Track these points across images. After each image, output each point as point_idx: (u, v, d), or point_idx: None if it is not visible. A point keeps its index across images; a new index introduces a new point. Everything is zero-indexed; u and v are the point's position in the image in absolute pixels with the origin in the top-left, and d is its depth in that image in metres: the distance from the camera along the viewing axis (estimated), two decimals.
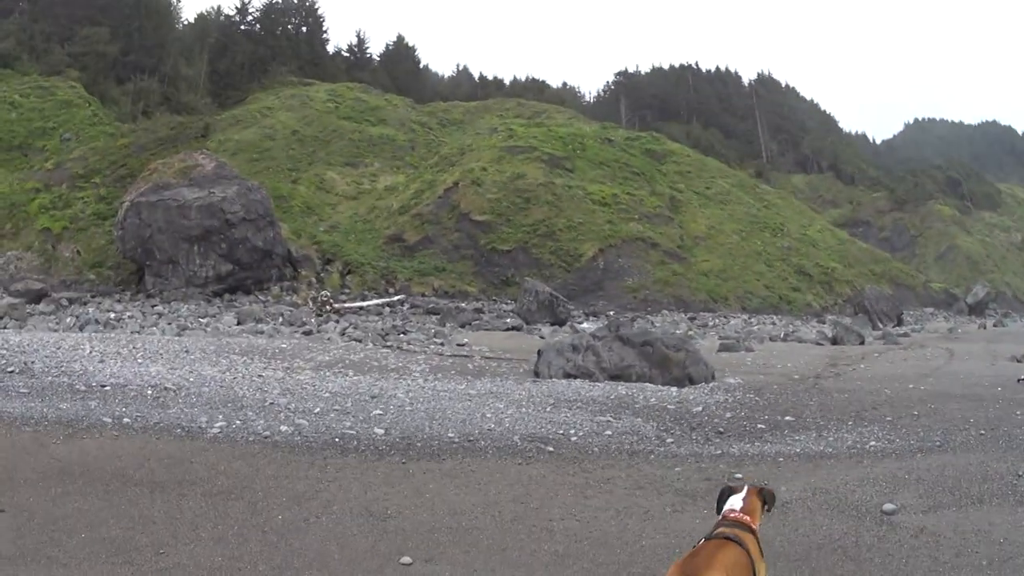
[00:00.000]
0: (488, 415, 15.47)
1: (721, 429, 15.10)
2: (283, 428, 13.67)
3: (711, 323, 48.32)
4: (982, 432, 14.75)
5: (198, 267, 46.40)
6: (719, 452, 13.24)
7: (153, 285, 46.15)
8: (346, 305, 44.40)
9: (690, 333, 38.62)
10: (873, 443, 14.17)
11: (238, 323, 35.11)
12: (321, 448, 12.52)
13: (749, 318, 53.18)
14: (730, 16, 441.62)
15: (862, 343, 36.46)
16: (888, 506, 10.10)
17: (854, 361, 28.06)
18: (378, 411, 15.48)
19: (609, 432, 14.41)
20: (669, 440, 14.00)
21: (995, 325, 57.45)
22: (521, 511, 9.68)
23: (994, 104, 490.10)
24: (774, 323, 51.16)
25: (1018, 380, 21.59)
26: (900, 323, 53.45)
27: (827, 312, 59.82)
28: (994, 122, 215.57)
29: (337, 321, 38.23)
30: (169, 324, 33.90)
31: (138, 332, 30.47)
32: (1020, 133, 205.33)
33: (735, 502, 5.98)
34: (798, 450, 13.64)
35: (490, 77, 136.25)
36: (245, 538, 8.49)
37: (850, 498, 10.44)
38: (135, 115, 73.22)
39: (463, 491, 10.46)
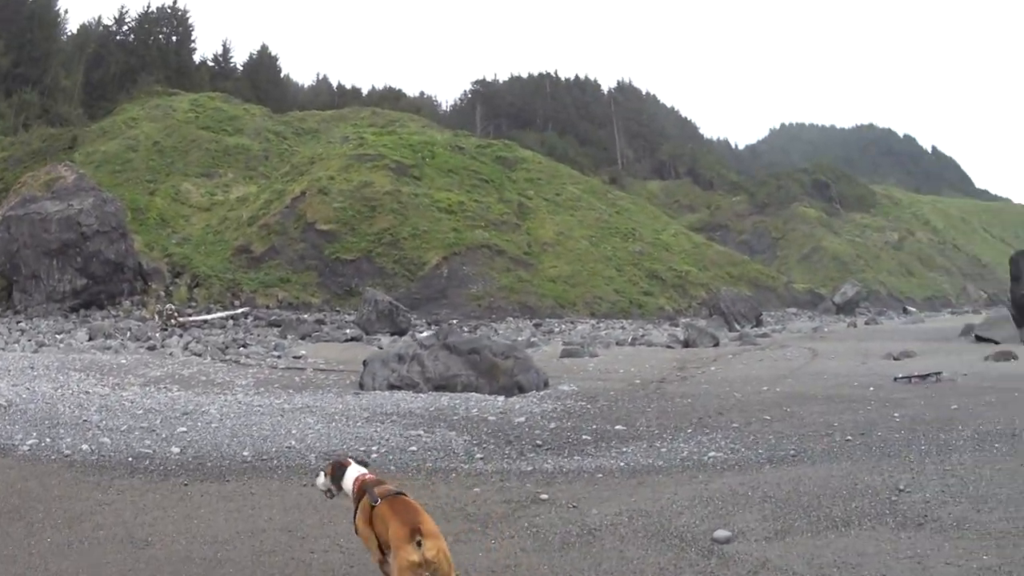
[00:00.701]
0: (294, 431, 15.10)
1: (540, 442, 14.11)
2: (84, 447, 13.55)
3: (557, 329, 47.77)
4: (849, 438, 13.49)
5: (57, 282, 45.95)
6: (530, 468, 12.37)
7: (20, 301, 46.08)
8: (191, 318, 44.03)
9: (533, 340, 38.33)
10: (713, 453, 12.84)
11: (89, 339, 34.72)
12: (112, 467, 12.37)
13: (597, 323, 53.03)
14: (592, 25, 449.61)
15: (716, 345, 35.82)
16: (721, 533, 8.63)
17: (704, 364, 27.22)
18: (183, 428, 15.22)
19: (415, 448, 13.84)
20: (478, 456, 13.27)
21: (867, 323, 57.67)
22: (285, 541, 9.02)
23: (873, 108, 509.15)
24: (623, 328, 50.74)
25: (895, 379, 20.59)
26: (759, 324, 53.53)
27: (681, 315, 59.74)
28: (871, 125, 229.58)
29: (181, 335, 37.90)
30: (29, 341, 33.92)
31: (2, 349, 30.78)
32: (900, 135, 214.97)
33: (356, 470, 7.19)
34: (623, 464, 12.41)
35: (348, 87, 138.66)
36: (15, 560, 8.31)
37: (675, 523, 9.22)
38: (16, 128, 74.54)
39: (233, 517, 9.92)
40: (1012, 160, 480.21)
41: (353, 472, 7.14)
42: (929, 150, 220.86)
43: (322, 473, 7.55)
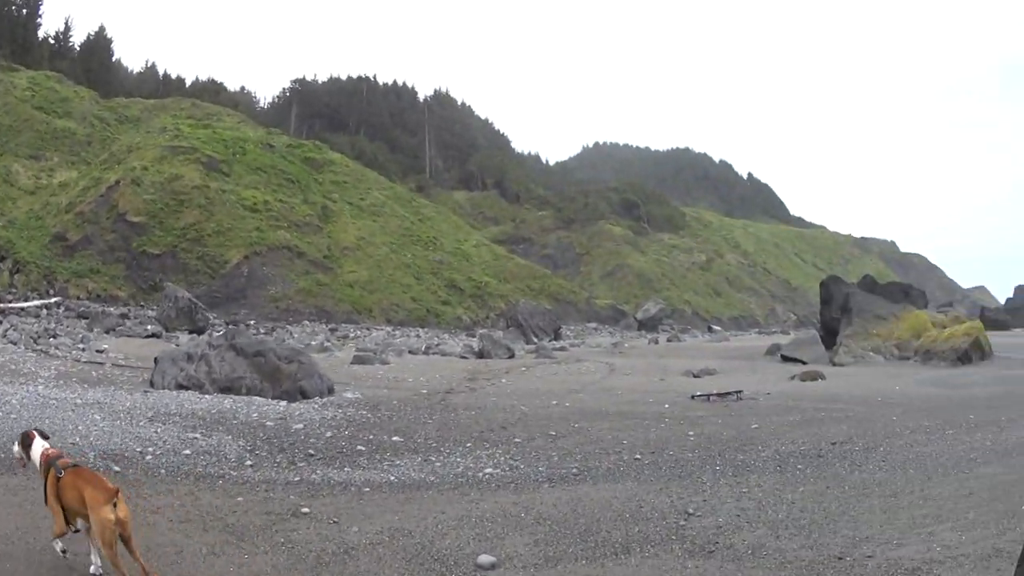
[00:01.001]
0: (80, 427, 14.22)
1: (312, 451, 13.55)
2: None
3: (352, 335, 47.21)
4: (638, 457, 12.82)
5: None
6: (297, 479, 11.68)
7: None
8: (11, 305, 42.66)
9: (327, 344, 37.46)
10: (490, 470, 12.04)
11: None
12: None
13: (393, 330, 52.75)
14: (415, 31, 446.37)
15: (511, 357, 35.41)
16: (485, 558, 7.91)
17: (496, 376, 26.47)
18: None
19: (188, 451, 13.10)
20: (248, 463, 12.57)
21: (669, 340, 58.05)
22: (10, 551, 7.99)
23: (690, 132, 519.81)
24: (419, 336, 50.58)
25: (693, 396, 20.15)
26: (558, 337, 53.74)
27: (479, 326, 59.75)
28: (687, 149, 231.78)
29: (1, 322, 36.32)
30: None
31: None
32: (716, 161, 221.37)
33: (41, 444, 7.77)
34: (393, 478, 11.67)
35: (174, 76, 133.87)
36: None
37: (438, 545, 8.50)
38: None
39: (15, 512, 9.11)
40: (828, 190, 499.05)
41: (39, 445, 7.72)
42: (745, 176, 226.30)
43: (16, 443, 8.09)
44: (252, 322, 47.28)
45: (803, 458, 12.48)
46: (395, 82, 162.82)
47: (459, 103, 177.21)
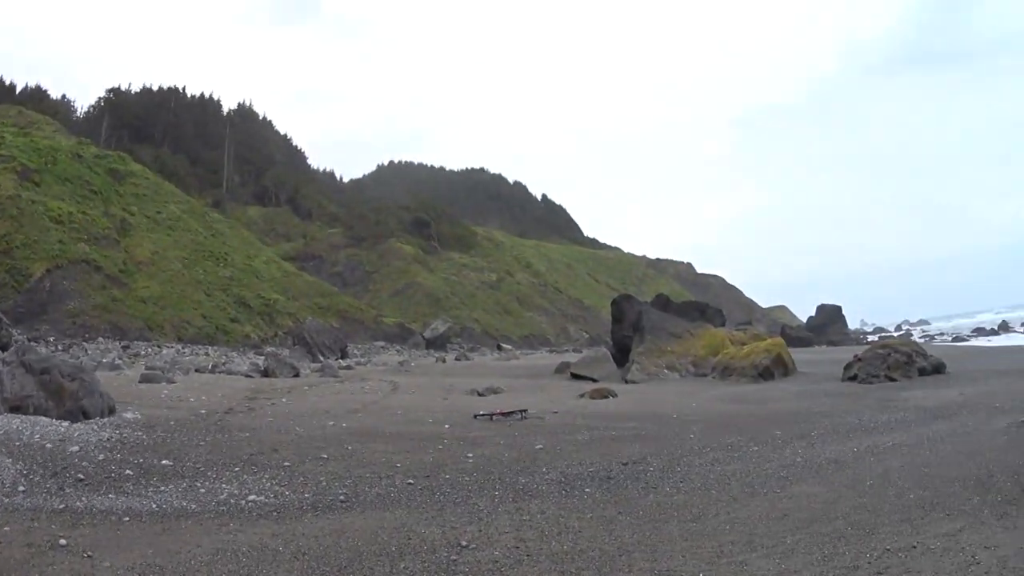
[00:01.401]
0: None
1: (83, 475, 12.27)
2: None
3: (144, 352, 46.11)
4: (411, 481, 11.95)
5: None
6: (63, 506, 10.57)
7: None
8: None
9: (118, 362, 36.21)
10: (254, 497, 11.00)
11: None
12: None
13: (183, 348, 51.76)
14: (222, 42, 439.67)
15: (296, 376, 34.56)
16: None
17: (278, 394, 25.25)
18: None
19: None
20: (21, 489, 11.37)
21: (457, 359, 57.79)
22: None
23: (485, 153, 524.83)
24: (207, 354, 49.51)
25: (475, 416, 19.32)
26: (344, 356, 53.37)
27: (267, 344, 58.96)
28: (482, 169, 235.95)
29: None
30: None
31: None
32: (511, 182, 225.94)
33: None
34: (154, 506, 10.62)
35: (8, 82, 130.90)
36: None
37: None
38: None
39: None
40: (624, 214, 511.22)
41: None
42: (539, 197, 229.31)
43: None
44: (52, 339, 45.90)
45: (592, 480, 11.76)
46: (203, 95, 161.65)
47: (260, 117, 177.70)
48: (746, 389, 27.98)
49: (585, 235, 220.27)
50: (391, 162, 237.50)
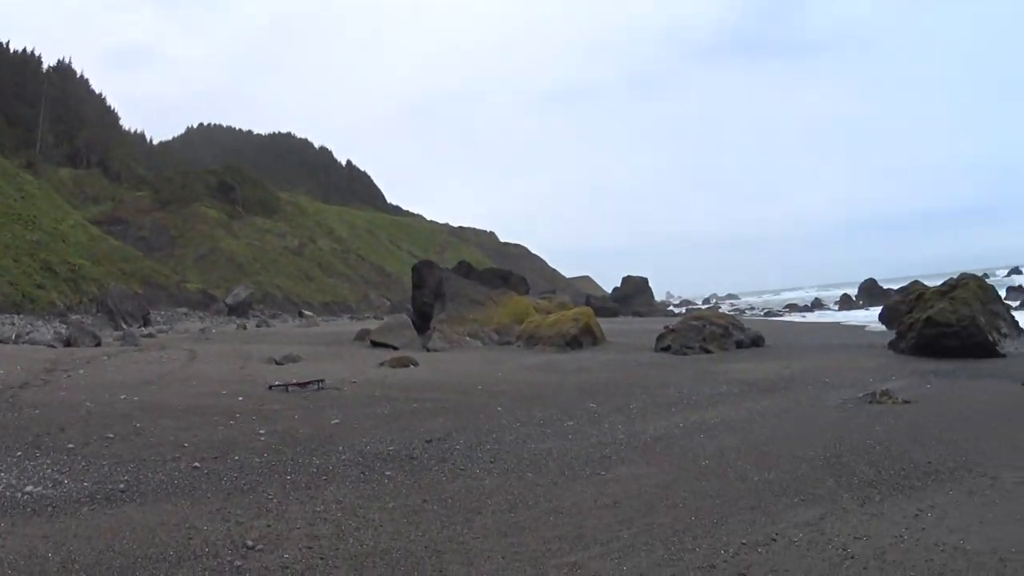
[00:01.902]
0: None
1: None
2: None
3: None
4: (197, 464, 10.59)
5: None
6: None
7: None
8: None
9: None
10: (32, 488, 9.43)
11: None
12: None
13: None
14: None
15: (98, 345, 32.70)
16: None
17: (76, 366, 23.16)
18: None
19: None
20: None
21: (258, 326, 56.93)
22: None
23: (292, 117, 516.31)
24: (14, 323, 46.26)
25: (270, 386, 17.97)
26: (147, 323, 51.39)
27: (72, 311, 55.76)
28: (289, 134, 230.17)
29: None
30: None
31: None
32: (316, 147, 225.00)
33: None
34: None
35: None
36: None
37: None
38: None
39: None
40: (427, 181, 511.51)
41: None
42: (344, 163, 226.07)
43: None
44: None
45: (393, 461, 10.72)
46: (24, 50, 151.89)
47: (78, 75, 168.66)
48: (554, 358, 26.91)
49: (388, 202, 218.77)
50: (200, 124, 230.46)
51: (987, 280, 27.52)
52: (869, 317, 50.56)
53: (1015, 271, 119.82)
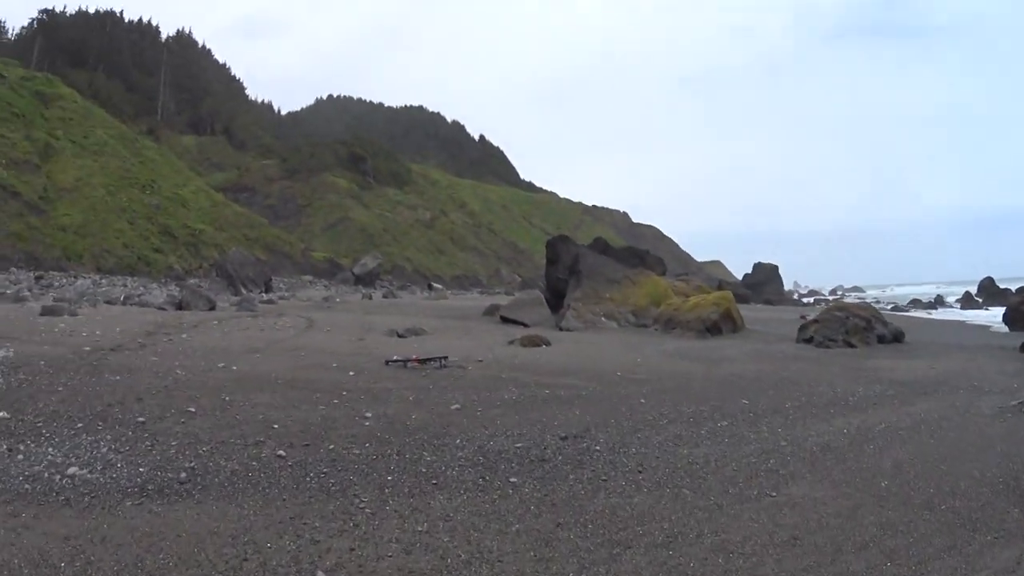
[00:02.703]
0: None
1: None
2: None
3: (58, 283, 42.43)
4: (282, 452, 8.92)
5: None
6: None
7: None
8: None
9: (24, 294, 33.25)
10: (75, 469, 7.93)
11: None
12: None
13: (100, 279, 48.53)
14: None
15: (212, 309, 31.81)
16: None
17: (181, 329, 22.15)
18: None
19: None
20: None
21: (385, 296, 55.24)
22: None
23: (425, 91, 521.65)
24: (126, 285, 45.95)
25: (387, 361, 16.30)
26: (268, 289, 50.30)
27: (191, 276, 56.02)
28: (421, 107, 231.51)
29: None
30: None
31: None
32: (449, 121, 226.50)
33: None
34: None
35: None
36: None
37: None
38: None
39: None
40: (562, 160, 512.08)
41: None
42: (476, 138, 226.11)
43: None
44: None
45: (520, 463, 8.82)
46: (140, 19, 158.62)
47: (199, 45, 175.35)
48: (694, 345, 24.88)
49: (522, 178, 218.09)
50: (330, 96, 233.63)
51: None
52: (991, 317, 48.20)
53: None
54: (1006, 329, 35.95)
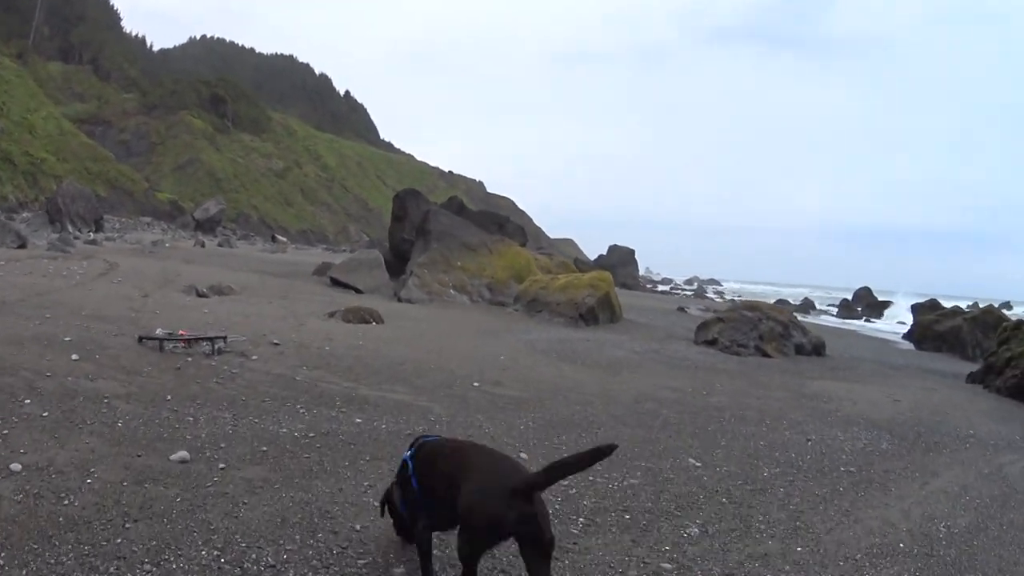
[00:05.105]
0: None
1: None
2: None
3: None
4: None
5: None
6: None
7: None
8: None
9: None
10: None
11: None
12: None
13: None
14: None
15: (22, 247, 27.62)
16: None
17: None
18: None
19: None
20: None
21: (220, 245, 50.27)
22: None
23: (296, 41, 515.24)
24: None
25: (140, 339, 11.15)
26: (99, 228, 45.31)
27: (25, 208, 51.28)
28: (291, 56, 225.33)
29: None
30: None
31: None
32: (316, 73, 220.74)
33: None
34: None
35: None
36: None
37: None
38: None
39: None
40: (423, 125, 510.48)
41: None
42: (342, 93, 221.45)
43: None
44: None
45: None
46: None
47: None
48: (570, 336, 19.96)
49: (382, 138, 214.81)
50: (203, 36, 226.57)
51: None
52: (888, 330, 44.95)
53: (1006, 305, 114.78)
54: (911, 346, 32.85)
